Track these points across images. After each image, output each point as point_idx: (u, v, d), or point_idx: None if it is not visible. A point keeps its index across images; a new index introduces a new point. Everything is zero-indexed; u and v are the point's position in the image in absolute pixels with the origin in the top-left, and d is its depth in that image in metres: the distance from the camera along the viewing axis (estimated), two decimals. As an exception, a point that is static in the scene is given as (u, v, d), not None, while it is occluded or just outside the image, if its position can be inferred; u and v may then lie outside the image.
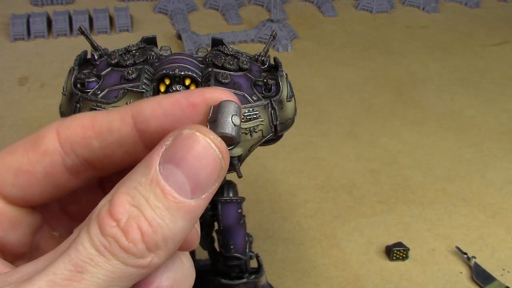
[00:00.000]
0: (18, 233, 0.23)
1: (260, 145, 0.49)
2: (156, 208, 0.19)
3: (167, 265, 0.21)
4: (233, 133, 0.21)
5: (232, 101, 0.22)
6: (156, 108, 0.22)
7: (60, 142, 0.22)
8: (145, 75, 0.48)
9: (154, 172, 0.20)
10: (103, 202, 0.20)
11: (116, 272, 0.19)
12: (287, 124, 0.51)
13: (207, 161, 0.20)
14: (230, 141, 0.21)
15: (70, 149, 0.22)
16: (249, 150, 0.49)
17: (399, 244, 0.76)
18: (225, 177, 0.59)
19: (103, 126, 0.22)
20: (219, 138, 0.21)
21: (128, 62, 0.49)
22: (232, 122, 0.21)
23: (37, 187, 0.22)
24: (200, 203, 0.20)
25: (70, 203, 0.25)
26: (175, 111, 0.22)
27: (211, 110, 0.22)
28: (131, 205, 0.19)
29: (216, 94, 0.22)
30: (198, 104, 0.22)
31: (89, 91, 0.49)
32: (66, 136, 0.22)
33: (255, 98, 0.48)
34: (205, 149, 0.20)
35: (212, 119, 0.21)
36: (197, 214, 0.20)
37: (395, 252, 0.75)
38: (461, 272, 0.74)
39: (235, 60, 0.50)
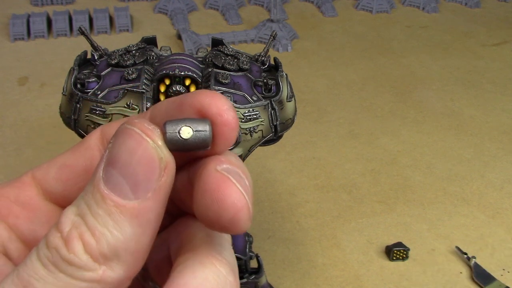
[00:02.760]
0: None
1: (260, 145, 0.49)
2: (97, 215, 0.18)
3: (194, 271, 0.18)
4: (169, 132, 0.18)
5: (207, 121, 0.19)
6: (170, 104, 0.20)
7: (101, 139, 0.22)
8: (145, 75, 0.48)
9: (97, 178, 0.18)
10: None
11: (64, 287, 0.17)
12: (287, 124, 0.51)
13: (141, 154, 0.18)
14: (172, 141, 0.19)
15: (107, 144, 0.21)
16: (249, 150, 0.49)
17: (399, 244, 0.76)
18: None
19: None
20: (152, 126, 0.18)
21: (128, 62, 0.49)
22: (179, 128, 0.19)
23: (76, 181, 0.22)
24: (147, 203, 0.18)
25: None
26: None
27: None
28: (75, 214, 0.18)
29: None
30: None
31: (89, 92, 0.49)
32: (106, 133, 0.22)
33: (255, 98, 0.48)
34: (137, 141, 0.18)
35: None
36: (148, 217, 0.18)
37: (395, 252, 0.75)
38: (461, 272, 0.74)
39: (235, 60, 0.50)
